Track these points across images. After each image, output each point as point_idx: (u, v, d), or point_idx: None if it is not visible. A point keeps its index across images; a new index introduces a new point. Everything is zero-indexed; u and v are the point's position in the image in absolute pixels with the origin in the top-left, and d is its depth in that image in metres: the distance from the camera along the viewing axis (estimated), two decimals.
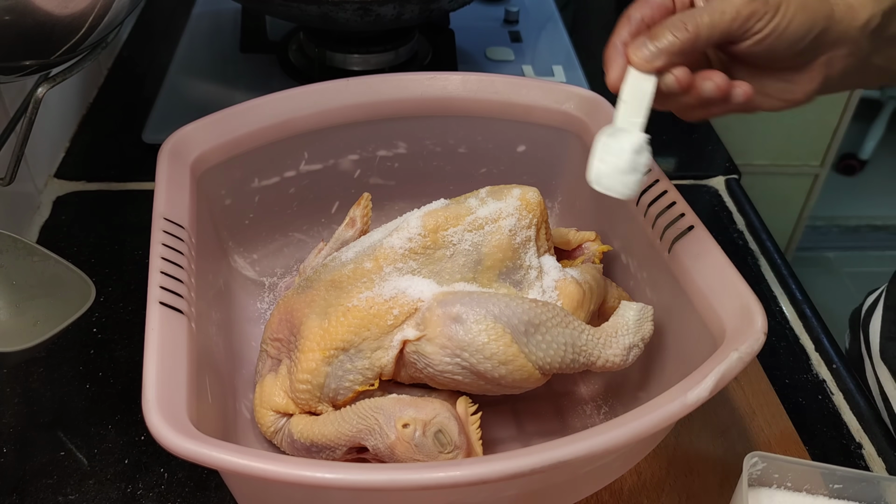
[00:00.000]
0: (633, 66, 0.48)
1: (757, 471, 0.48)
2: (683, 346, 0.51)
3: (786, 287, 0.70)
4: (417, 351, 0.49)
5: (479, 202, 0.54)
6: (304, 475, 0.37)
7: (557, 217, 0.68)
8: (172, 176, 0.54)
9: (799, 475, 0.48)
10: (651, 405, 0.41)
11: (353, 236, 0.59)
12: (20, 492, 0.52)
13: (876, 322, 0.71)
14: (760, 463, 0.47)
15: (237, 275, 0.63)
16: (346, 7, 0.75)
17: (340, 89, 0.62)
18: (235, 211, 0.62)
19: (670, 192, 0.55)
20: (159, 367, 0.42)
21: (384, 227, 0.56)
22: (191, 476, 0.53)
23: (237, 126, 0.59)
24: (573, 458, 0.39)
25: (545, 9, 1.08)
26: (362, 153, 0.65)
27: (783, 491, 0.48)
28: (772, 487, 0.48)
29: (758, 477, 0.48)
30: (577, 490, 0.50)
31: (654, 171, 0.56)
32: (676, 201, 0.54)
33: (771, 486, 0.48)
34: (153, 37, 1.00)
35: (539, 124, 0.65)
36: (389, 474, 0.38)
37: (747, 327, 0.45)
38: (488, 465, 0.38)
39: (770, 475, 0.48)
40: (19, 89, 0.67)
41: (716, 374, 0.42)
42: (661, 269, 0.54)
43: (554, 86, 0.64)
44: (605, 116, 0.62)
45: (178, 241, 0.50)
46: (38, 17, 0.43)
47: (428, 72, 0.65)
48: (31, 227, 0.72)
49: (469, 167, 0.67)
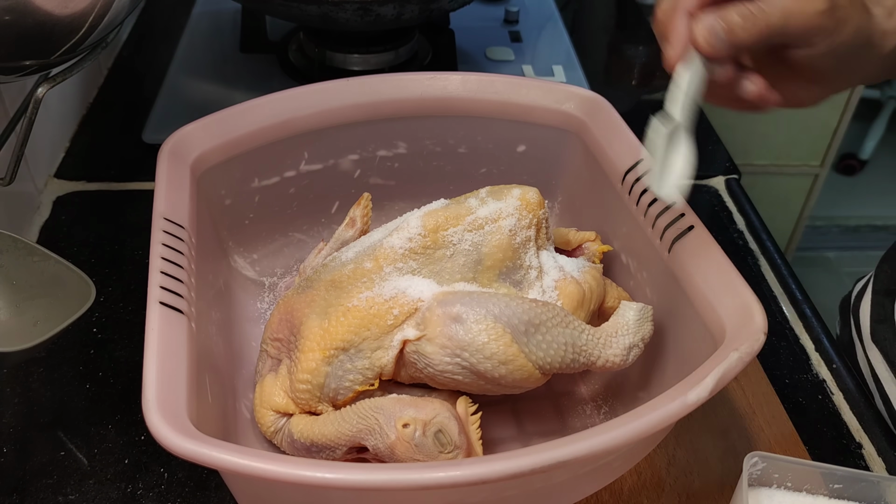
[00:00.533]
0: (696, 47, 0.45)
1: (757, 471, 0.48)
2: (683, 346, 0.51)
3: (786, 287, 0.70)
4: (417, 351, 0.49)
5: (479, 202, 0.54)
6: (304, 475, 0.37)
7: (557, 217, 0.68)
8: (172, 176, 0.54)
9: (799, 475, 0.48)
10: (651, 405, 0.41)
11: (353, 236, 0.59)
12: (20, 492, 0.52)
13: (865, 306, 0.71)
14: (760, 463, 0.47)
15: (237, 275, 0.63)
16: (346, 7, 0.75)
17: (340, 89, 0.63)
18: (235, 211, 0.62)
19: None
20: (159, 367, 0.42)
21: (384, 227, 0.56)
22: (191, 476, 0.53)
23: (237, 126, 0.59)
24: (573, 458, 0.39)
25: (545, 9, 1.08)
26: (362, 153, 0.65)
27: (783, 491, 0.48)
28: (772, 487, 0.48)
29: (758, 477, 0.48)
30: (578, 490, 0.50)
31: None
32: None
33: (771, 486, 0.48)
34: (153, 37, 1.00)
35: (539, 124, 0.65)
36: (389, 474, 0.38)
37: (747, 327, 0.45)
38: (488, 465, 0.38)
39: (770, 475, 0.48)
40: (19, 89, 0.67)
41: (716, 374, 0.42)
42: (661, 269, 0.54)
43: (554, 86, 0.64)
44: (604, 117, 0.62)
45: (178, 241, 0.50)
46: (38, 17, 0.43)
47: (428, 72, 0.64)
48: (31, 227, 0.72)
49: (469, 167, 0.67)
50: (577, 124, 0.63)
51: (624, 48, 1.10)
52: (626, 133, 0.60)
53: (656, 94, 0.97)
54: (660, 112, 0.47)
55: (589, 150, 0.62)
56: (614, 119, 0.61)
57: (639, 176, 0.56)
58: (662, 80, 0.98)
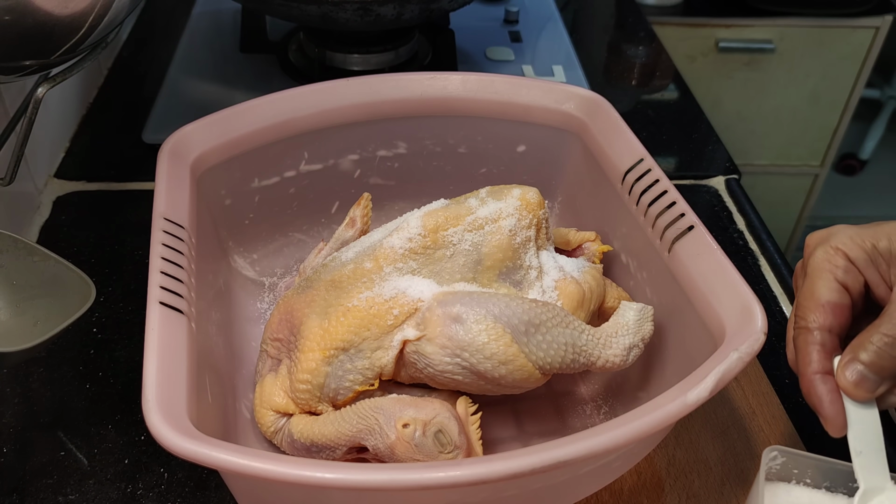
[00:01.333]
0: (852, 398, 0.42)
1: (776, 465, 0.47)
2: (683, 346, 0.51)
3: (786, 287, 0.70)
4: (417, 351, 0.49)
5: (479, 202, 0.54)
6: (304, 475, 0.37)
7: (557, 217, 0.68)
8: (172, 176, 0.54)
9: (819, 472, 0.47)
10: (651, 405, 0.41)
11: (353, 236, 0.59)
12: (20, 492, 0.52)
13: None
14: (780, 457, 0.47)
15: (237, 275, 0.63)
16: (346, 7, 0.75)
17: (340, 89, 0.63)
18: (235, 211, 0.62)
19: (670, 192, 0.55)
20: (159, 367, 0.42)
21: (384, 227, 0.56)
22: (191, 476, 0.53)
23: (237, 126, 0.59)
24: (573, 458, 0.39)
25: (545, 9, 1.08)
26: (362, 153, 0.65)
27: (801, 487, 0.48)
28: (790, 483, 0.48)
29: (777, 471, 0.47)
30: (577, 490, 0.50)
31: (653, 172, 0.56)
32: (676, 201, 0.54)
33: (790, 482, 0.48)
34: (153, 37, 1.00)
35: (539, 124, 0.65)
36: (389, 474, 0.38)
37: (747, 327, 0.45)
38: (488, 465, 0.38)
39: (789, 470, 0.47)
40: (19, 89, 0.67)
41: (716, 374, 0.42)
42: (661, 269, 0.54)
43: (554, 86, 0.64)
44: (604, 117, 0.62)
45: (178, 241, 0.50)
46: (38, 17, 0.43)
47: (428, 72, 0.64)
48: (31, 227, 0.72)
49: (469, 167, 0.67)
50: (577, 124, 0.63)
51: (624, 48, 1.10)
52: (626, 133, 0.60)
53: (656, 95, 0.97)
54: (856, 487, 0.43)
55: (589, 150, 0.62)
56: (614, 119, 0.61)
57: (639, 176, 0.56)
58: (662, 80, 0.98)
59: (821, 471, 0.47)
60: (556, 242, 0.60)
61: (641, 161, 0.57)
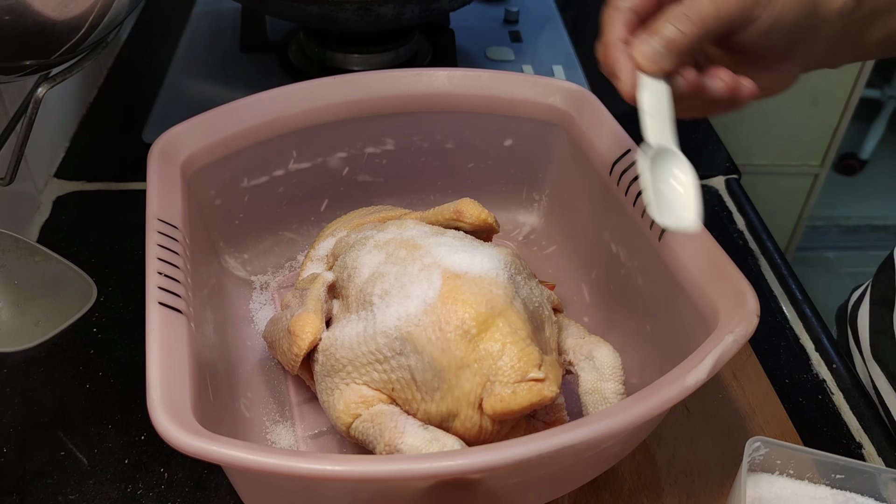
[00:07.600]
0: (641, 70, 0.44)
1: (759, 455, 0.47)
2: (678, 331, 0.52)
3: (786, 287, 0.70)
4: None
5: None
6: (314, 469, 0.37)
7: (545, 210, 0.68)
8: (164, 177, 0.54)
9: (801, 463, 0.48)
10: (651, 389, 0.42)
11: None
12: (20, 492, 0.52)
13: (863, 316, 0.71)
14: (763, 448, 0.47)
15: (229, 274, 0.63)
16: (346, 7, 0.75)
17: (327, 87, 0.62)
18: (225, 211, 0.61)
19: None
20: (162, 366, 0.42)
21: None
22: (191, 476, 0.53)
23: (225, 125, 0.59)
24: (577, 443, 0.39)
25: (545, 9, 1.08)
26: (350, 150, 0.65)
27: (784, 478, 0.48)
28: (773, 474, 0.48)
29: (760, 462, 0.48)
30: (577, 476, 0.50)
31: None
32: None
33: (773, 473, 0.48)
34: (153, 37, 1.00)
35: (526, 118, 0.65)
36: (394, 464, 0.38)
37: (741, 310, 0.45)
38: (494, 453, 0.38)
39: (772, 461, 0.48)
40: (19, 89, 0.67)
41: (713, 357, 0.43)
42: (652, 257, 0.54)
43: (539, 80, 0.65)
44: (590, 109, 0.62)
45: (172, 242, 0.50)
46: (38, 17, 0.43)
47: (414, 68, 0.65)
48: (32, 227, 0.72)
49: (457, 162, 0.67)
50: (563, 117, 0.64)
51: None
52: (612, 124, 0.60)
53: None
54: (641, 144, 0.46)
55: (576, 142, 0.63)
56: (600, 111, 0.61)
57: (626, 167, 0.56)
58: None
59: (803, 462, 0.48)
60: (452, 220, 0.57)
61: (629, 152, 0.57)
